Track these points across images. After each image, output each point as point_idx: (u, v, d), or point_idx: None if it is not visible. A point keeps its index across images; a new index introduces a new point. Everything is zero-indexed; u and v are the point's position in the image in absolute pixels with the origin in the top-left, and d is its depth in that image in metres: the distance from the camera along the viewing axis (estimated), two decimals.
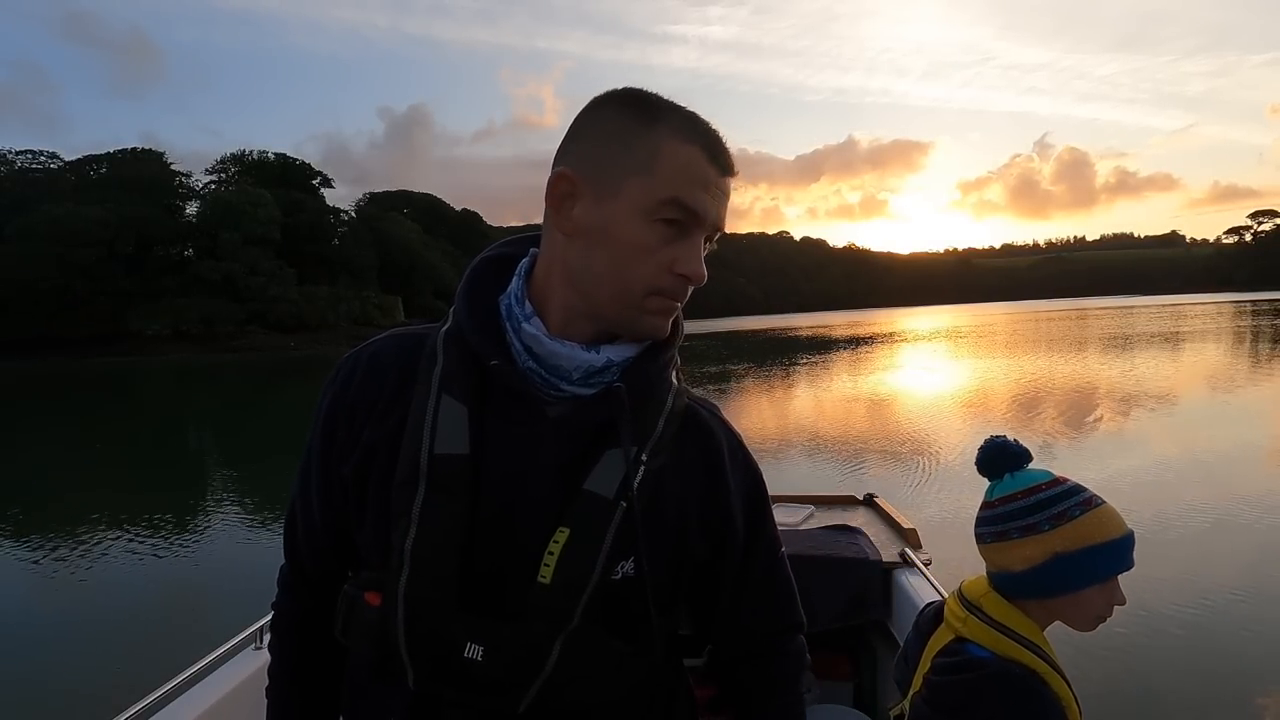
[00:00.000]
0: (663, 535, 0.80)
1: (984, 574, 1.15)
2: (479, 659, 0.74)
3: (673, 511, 0.82)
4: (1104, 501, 1.09)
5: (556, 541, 0.75)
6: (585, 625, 0.76)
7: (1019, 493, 1.10)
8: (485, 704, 0.76)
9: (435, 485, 0.75)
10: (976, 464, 1.16)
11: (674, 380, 0.85)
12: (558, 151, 0.80)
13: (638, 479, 0.77)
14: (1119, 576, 1.08)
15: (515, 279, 0.82)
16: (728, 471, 0.87)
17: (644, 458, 0.79)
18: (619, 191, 0.74)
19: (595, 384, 0.79)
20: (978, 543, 1.14)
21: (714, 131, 0.77)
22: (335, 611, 0.83)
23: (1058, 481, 1.10)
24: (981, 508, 1.15)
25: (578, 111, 0.80)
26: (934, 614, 1.18)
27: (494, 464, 0.77)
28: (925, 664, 1.13)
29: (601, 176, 0.75)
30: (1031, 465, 1.14)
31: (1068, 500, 1.08)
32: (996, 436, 1.16)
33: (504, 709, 0.76)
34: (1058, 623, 1.10)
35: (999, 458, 1.14)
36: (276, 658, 0.96)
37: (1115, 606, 1.07)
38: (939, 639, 1.14)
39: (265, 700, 0.94)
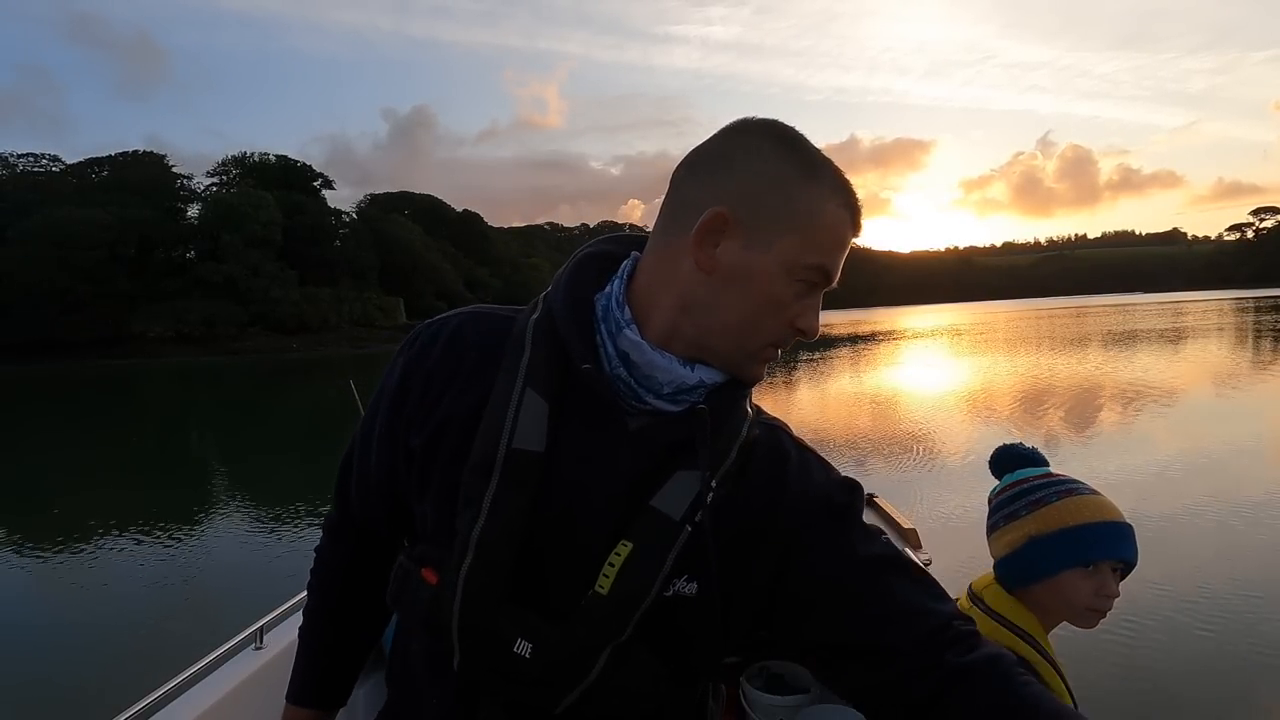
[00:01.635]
0: (720, 563, 0.78)
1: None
2: (527, 656, 0.74)
3: (731, 540, 0.79)
4: (1094, 492, 1.10)
5: (618, 554, 0.75)
6: (633, 640, 0.76)
7: (1010, 485, 1.15)
8: (525, 699, 0.77)
9: (508, 479, 0.75)
10: (989, 464, 1.20)
11: (749, 409, 0.86)
12: (691, 167, 0.78)
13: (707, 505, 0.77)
14: (1123, 572, 1.08)
15: (616, 281, 0.81)
16: (796, 498, 0.82)
17: (713, 484, 0.77)
18: (771, 246, 0.74)
19: (681, 401, 0.78)
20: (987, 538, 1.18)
21: (857, 196, 0.78)
22: (389, 577, 0.85)
23: (1049, 476, 1.13)
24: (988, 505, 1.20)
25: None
26: None
27: (567, 466, 0.76)
28: None
29: (757, 224, 0.74)
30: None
31: (1049, 488, 1.10)
32: (1011, 443, 1.20)
33: (541, 707, 0.77)
34: (1065, 628, 1.10)
35: (1005, 458, 1.18)
36: (315, 596, 0.99)
37: (1112, 600, 1.06)
38: None
39: (265, 700, 0.95)
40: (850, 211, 0.77)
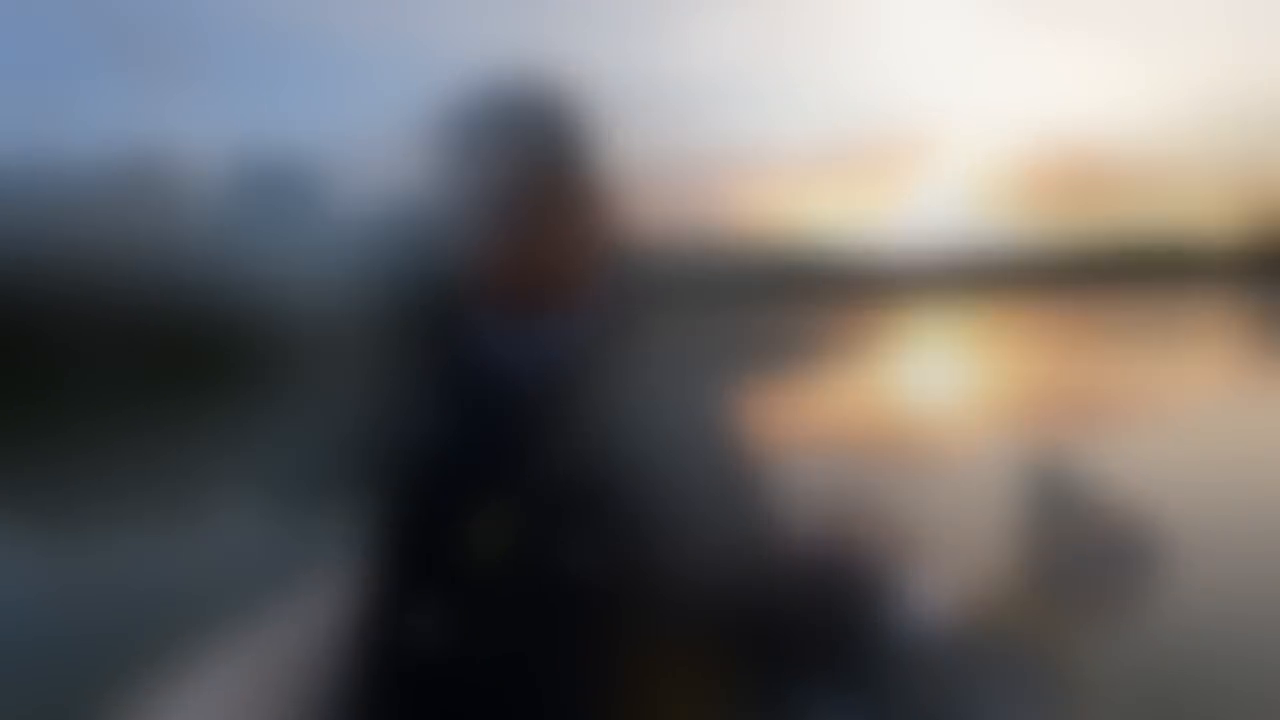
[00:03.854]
0: (637, 521, 0.78)
1: None
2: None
3: (646, 494, 0.80)
4: None
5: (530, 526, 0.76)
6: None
7: None
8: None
9: (418, 477, 0.78)
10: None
11: (645, 359, 0.86)
12: None
13: (615, 462, 0.78)
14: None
15: None
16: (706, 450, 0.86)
17: (620, 441, 0.79)
18: None
19: (564, 364, 0.80)
20: None
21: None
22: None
23: None
24: None
25: None
26: None
27: (468, 451, 0.78)
28: None
29: None
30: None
31: None
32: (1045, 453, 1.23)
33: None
34: None
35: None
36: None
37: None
38: None
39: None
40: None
